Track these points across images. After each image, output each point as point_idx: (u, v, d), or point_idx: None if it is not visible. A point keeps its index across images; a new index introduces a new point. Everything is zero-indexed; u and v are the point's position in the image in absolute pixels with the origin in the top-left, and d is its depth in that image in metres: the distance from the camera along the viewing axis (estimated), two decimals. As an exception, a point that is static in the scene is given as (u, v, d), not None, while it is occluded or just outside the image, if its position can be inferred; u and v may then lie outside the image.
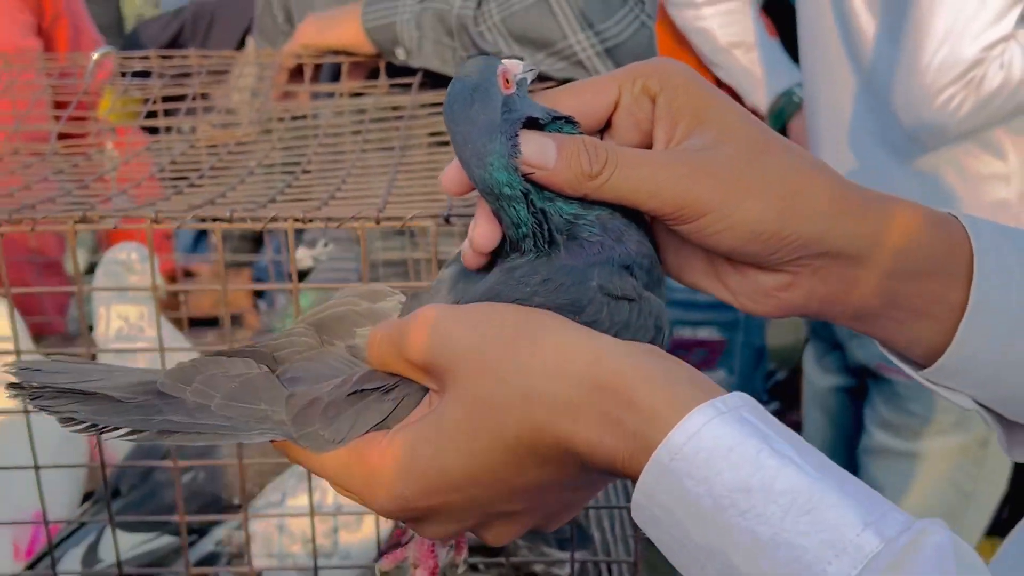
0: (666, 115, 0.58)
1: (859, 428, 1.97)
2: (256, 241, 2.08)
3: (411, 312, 0.58)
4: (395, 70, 1.51)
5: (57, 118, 1.42)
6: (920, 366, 0.62)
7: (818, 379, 2.08)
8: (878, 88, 1.72)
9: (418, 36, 1.46)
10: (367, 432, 0.54)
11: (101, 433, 0.55)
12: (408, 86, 1.47)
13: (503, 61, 0.58)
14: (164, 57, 1.51)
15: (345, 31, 1.49)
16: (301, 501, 1.02)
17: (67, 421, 0.55)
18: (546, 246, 0.57)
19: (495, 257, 0.60)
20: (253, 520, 1.05)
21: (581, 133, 0.57)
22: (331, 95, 1.51)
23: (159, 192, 1.26)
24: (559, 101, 0.59)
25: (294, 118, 1.43)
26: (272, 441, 0.56)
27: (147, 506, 1.03)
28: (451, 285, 0.61)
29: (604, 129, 0.60)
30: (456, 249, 0.64)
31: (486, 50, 1.44)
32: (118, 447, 1.14)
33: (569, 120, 0.58)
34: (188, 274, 2.18)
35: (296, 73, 1.54)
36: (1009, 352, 0.60)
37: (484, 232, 0.58)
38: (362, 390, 0.55)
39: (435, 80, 1.49)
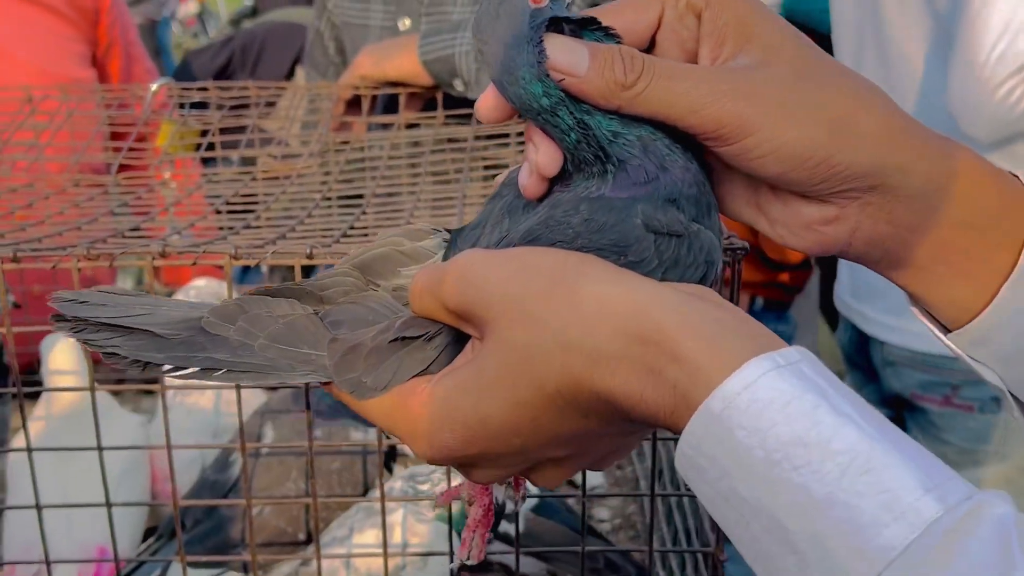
0: (711, 32, 0.54)
1: None
2: (306, 268, 2.08)
3: (453, 254, 0.57)
4: (452, 101, 1.51)
5: (116, 150, 1.42)
6: (947, 331, 0.59)
7: None
8: (911, 104, 1.71)
9: (476, 68, 1.46)
10: (409, 379, 0.53)
11: (144, 368, 0.54)
12: (464, 117, 1.47)
13: None
14: (222, 88, 1.51)
15: (402, 63, 1.49)
16: (367, 537, 1.01)
17: (109, 356, 0.54)
18: (601, 156, 0.54)
19: (552, 184, 0.57)
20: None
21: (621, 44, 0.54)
22: (387, 126, 1.51)
23: (214, 225, 1.26)
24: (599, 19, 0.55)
25: (351, 149, 1.42)
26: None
27: (212, 540, 1.02)
28: (496, 221, 0.58)
29: (647, 50, 0.56)
30: (500, 176, 0.62)
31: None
32: (184, 482, 1.13)
33: (609, 32, 0.55)
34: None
35: (353, 104, 1.54)
36: None
37: (547, 152, 0.55)
38: (404, 337, 0.53)
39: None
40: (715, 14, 0.54)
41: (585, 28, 0.55)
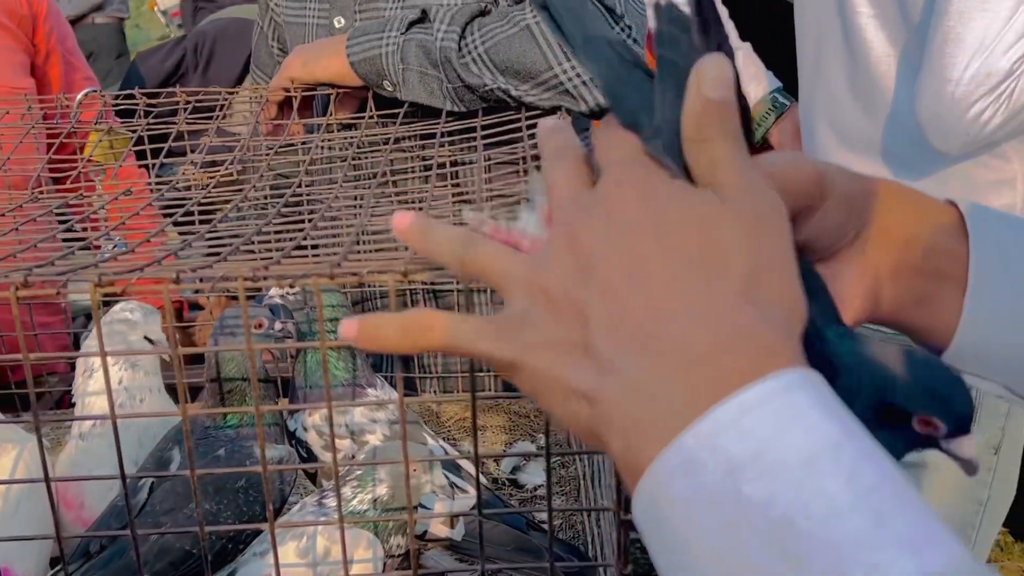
0: None
1: None
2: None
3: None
4: (384, 101, 1.48)
5: (51, 162, 1.40)
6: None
7: None
8: (881, 100, 1.68)
9: (402, 68, 1.43)
10: None
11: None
12: (393, 116, 1.44)
13: None
14: (150, 95, 1.49)
15: (331, 64, 1.46)
16: (288, 552, 0.98)
17: None
18: None
19: None
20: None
21: None
22: (321, 127, 1.49)
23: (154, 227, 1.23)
24: None
25: (279, 151, 1.40)
26: None
27: (114, 565, 1.00)
28: None
29: None
30: None
31: (471, 82, 1.40)
32: (103, 505, 1.11)
33: None
34: (196, 307, 2.15)
35: (287, 106, 1.51)
36: (1020, 332, 0.59)
37: None
38: None
39: (424, 110, 1.46)
40: None
41: None
